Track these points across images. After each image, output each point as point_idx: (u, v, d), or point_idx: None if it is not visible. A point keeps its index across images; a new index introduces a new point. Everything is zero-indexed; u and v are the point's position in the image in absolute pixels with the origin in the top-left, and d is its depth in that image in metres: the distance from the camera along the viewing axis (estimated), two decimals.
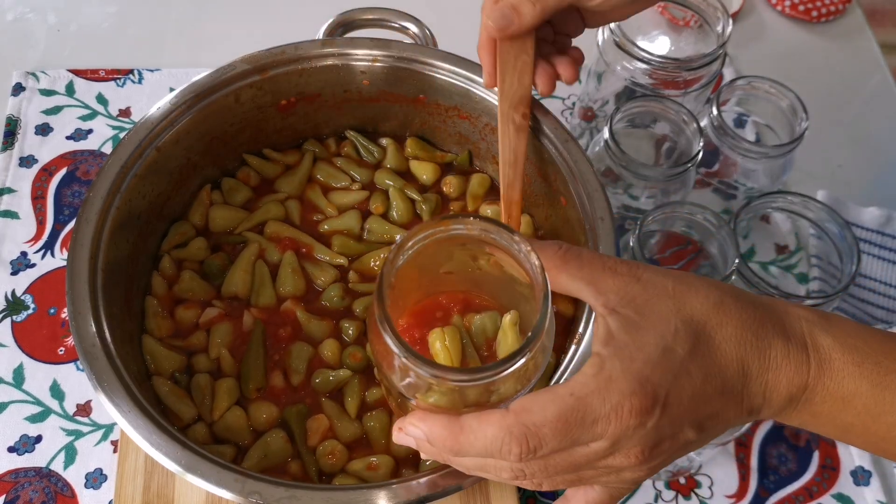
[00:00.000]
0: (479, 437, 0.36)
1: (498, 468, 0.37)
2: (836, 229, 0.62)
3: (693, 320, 0.38)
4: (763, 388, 0.38)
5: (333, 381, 0.55)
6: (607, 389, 0.36)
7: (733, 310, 0.39)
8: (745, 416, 0.39)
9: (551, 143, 0.58)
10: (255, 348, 0.56)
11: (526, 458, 0.36)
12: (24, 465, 0.58)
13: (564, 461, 0.37)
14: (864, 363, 0.39)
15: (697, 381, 0.37)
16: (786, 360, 0.38)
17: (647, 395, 0.36)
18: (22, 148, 0.72)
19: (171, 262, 0.60)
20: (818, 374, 0.39)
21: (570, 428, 0.35)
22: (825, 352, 0.39)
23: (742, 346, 0.38)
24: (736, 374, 0.38)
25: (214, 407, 0.54)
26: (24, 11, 0.83)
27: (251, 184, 0.64)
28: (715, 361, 0.38)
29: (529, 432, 0.35)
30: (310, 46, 0.61)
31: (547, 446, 0.36)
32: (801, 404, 0.39)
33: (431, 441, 0.38)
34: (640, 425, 0.36)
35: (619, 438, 0.36)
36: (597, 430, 0.36)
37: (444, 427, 0.37)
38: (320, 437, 0.54)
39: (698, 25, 0.68)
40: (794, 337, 0.39)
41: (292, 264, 0.60)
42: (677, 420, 0.37)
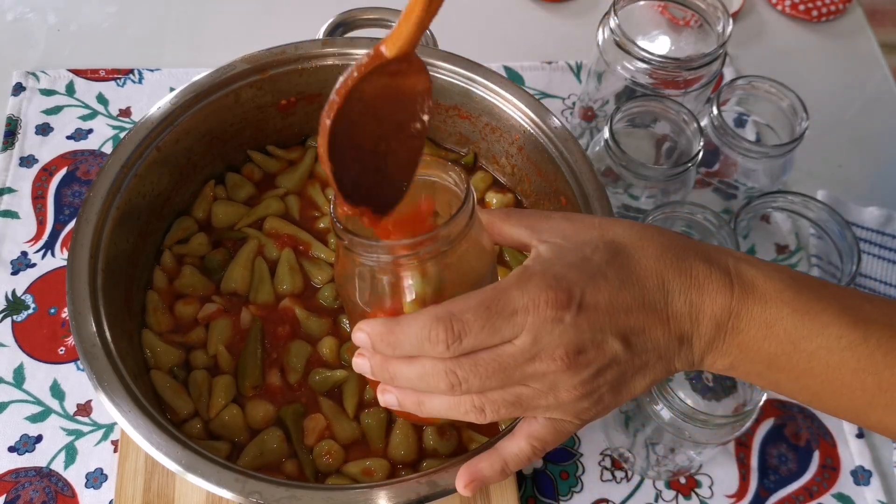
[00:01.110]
0: (412, 326, 0.38)
1: (435, 373, 0.38)
2: (836, 229, 0.62)
3: (615, 242, 0.41)
4: (688, 308, 0.40)
5: (330, 379, 0.55)
6: (527, 283, 0.38)
7: (655, 236, 0.41)
8: (676, 343, 0.40)
9: (551, 143, 0.58)
10: (252, 346, 0.56)
11: (453, 347, 0.37)
12: (25, 465, 0.58)
13: (493, 361, 0.38)
14: (786, 290, 0.40)
15: (614, 284, 0.39)
16: (708, 279, 0.40)
17: (562, 288, 0.38)
18: (22, 148, 0.72)
19: (173, 257, 0.60)
20: (742, 297, 0.40)
21: (491, 315, 0.37)
22: (748, 278, 0.40)
23: (661, 262, 0.40)
24: (656, 287, 0.40)
25: (211, 404, 0.54)
26: (24, 11, 0.83)
27: (254, 179, 0.64)
28: (632, 271, 0.40)
29: (454, 316, 0.37)
30: (310, 46, 0.61)
31: (471, 332, 0.37)
32: (729, 333, 0.40)
33: (372, 339, 0.39)
34: (557, 319, 0.37)
35: (539, 332, 0.37)
36: (517, 321, 0.37)
37: (383, 324, 0.39)
38: (317, 437, 0.54)
39: (698, 25, 0.68)
40: (717, 264, 0.41)
41: (290, 262, 0.60)
42: (597, 324, 0.38)
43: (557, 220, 0.43)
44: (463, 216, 0.40)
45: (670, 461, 0.58)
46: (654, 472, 0.60)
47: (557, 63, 0.82)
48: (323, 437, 0.54)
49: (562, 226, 0.42)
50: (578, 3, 0.88)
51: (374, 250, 0.40)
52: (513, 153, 0.63)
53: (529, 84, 0.81)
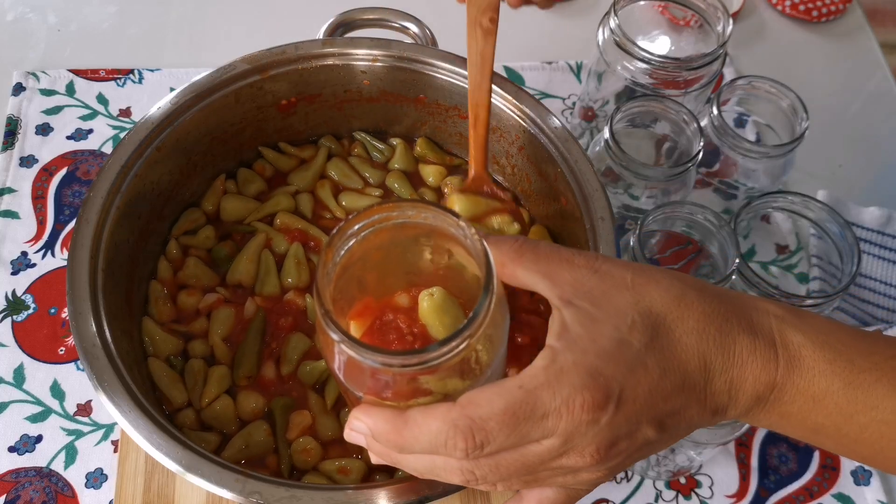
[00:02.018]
0: (424, 432, 0.34)
1: (447, 469, 0.35)
2: (836, 229, 0.62)
3: (652, 313, 0.36)
4: (728, 386, 0.37)
5: (316, 370, 0.56)
6: (558, 382, 0.34)
7: (696, 303, 0.37)
8: (710, 416, 0.37)
9: (551, 143, 0.58)
10: (252, 336, 0.57)
11: (473, 455, 0.34)
12: (25, 465, 0.58)
13: (516, 461, 0.35)
14: (837, 360, 0.37)
15: (655, 375, 0.35)
16: (752, 356, 0.37)
17: (599, 388, 0.34)
18: (22, 148, 0.72)
19: (179, 248, 0.60)
20: (787, 371, 0.37)
21: (519, 422, 0.33)
22: (795, 349, 0.37)
23: (704, 340, 0.36)
24: (697, 369, 0.36)
25: (204, 393, 0.54)
26: (24, 11, 0.83)
27: (265, 176, 0.65)
28: (674, 355, 0.36)
29: (475, 426, 0.33)
30: (310, 46, 0.61)
31: (495, 441, 0.34)
32: (770, 404, 0.37)
33: (376, 436, 0.36)
34: (593, 421, 0.34)
35: (572, 435, 0.34)
36: (547, 426, 0.34)
37: (387, 420, 0.35)
38: (299, 432, 0.54)
39: (699, 25, 0.68)
40: (762, 333, 0.37)
41: (298, 256, 0.60)
42: (634, 417, 0.35)
43: (581, 271, 0.37)
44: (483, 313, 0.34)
45: (670, 461, 0.58)
46: (655, 472, 0.60)
47: (557, 63, 0.82)
48: (305, 434, 0.54)
49: (588, 282, 0.36)
50: (578, 3, 0.88)
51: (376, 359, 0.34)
52: (513, 153, 0.63)
53: (529, 84, 0.81)
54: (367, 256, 0.39)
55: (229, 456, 0.52)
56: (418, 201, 0.37)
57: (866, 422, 0.37)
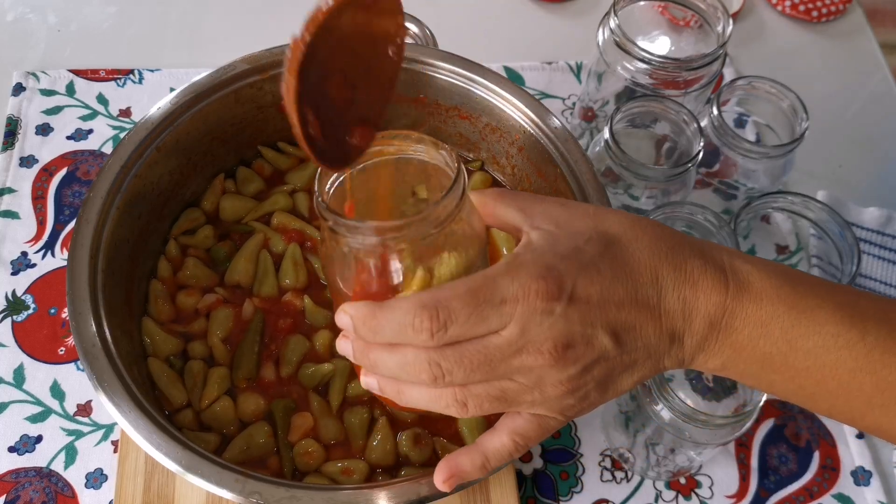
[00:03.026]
0: (395, 312, 0.37)
1: (417, 364, 0.37)
2: (836, 229, 0.62)
3: (608, 233, 0.39)
4: (682, 305, 0.39)
5: (318, 373, 0.56)
6: (516, 271, 0.37)
7: (649, 227, 0.40)
8: (667, 341, 0.39)
9: (551, 143, 0.58)
10: (251, 337, 0.57)
11: (437, 335, 0.36)
12: (25, 465, 0.58)
13: (478, 352, 0.37)
14: (782, 287, 0.39)
15: (606, 276, 0.38)
16: (703, 276, 0.39)
17: (553, 278, 0.36)
18: (22, 148, 0.72)
19: (178, 247, 0.60)
20: (737, 294, 0.39)
21: (479, 303, 0.36)
22: (744, 275, 0.39)
23: (656, 256, 0.39)
24: (649, 281, 0.38)
25: (204, 394, 0.54)
26: (24, 11, 0.83)
27: (264, 175, 0.65)
28: (626, 264, 0.38)
29: (440, 304, 0.36)
30: None
31: (457, 321, 0.36)
32: (723, 332, 0.39)
33: (356, 325, 0.38)
34: (547, 311, 0.36)
35: (527, 324, 0.36)
36: (505, 310, 0.36)
37: (366, 307, 0.38)
38: (301, 435, 0.54)
39: (698, 25, 0.68)
40: (712, 259, 0.40)
41: (295, 257, 0.60)
42: (587, 317, 0.37)
43: (551, 204, 0.41)
44: (453, 196, 0.38)
45: (670, 461, 0.58)
46: (654, 473, 0.60)
47: (557, 63, 0.82)
48: (307, 436, 0.54)
49: (555, 211, 0.41)
50: (578, 3, 0.88)
51: (360, 231, 0.38)
52: (513, 153, 0.63)
53: (529, 84, 0.81)
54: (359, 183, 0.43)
55: (230, 457, 0.52)
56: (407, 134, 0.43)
57: (809, 347, 0.39)
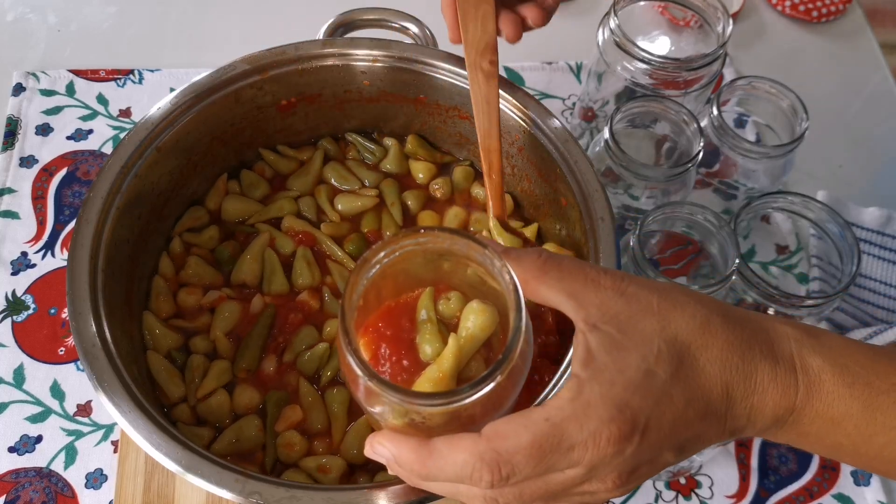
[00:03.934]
0: (449, 463, 0.35)
1: (471, 496, 0.36)
2: (836, 229, 0.62)
3: (677, 341, 0.36)
4: (748, 411, 0.37)
5: (314, 357, 0.56)
6: (585, 415, 0.34)
7: (720, 330, 0.37)
8: (727, 437, 0.38)
9: (551, 144, 0.58)
10: (259, 329, 0.57)
11: (498, 486, 0.34)
12: (25, 466, 0.58)
13: (539, 489, 0.35)
14: (856, 384, 0.37)
15: (680, 405, 0.36)
16: (773, 383, 0.37)
17: (626, 421, 0.34)
18: (22, 148, 0.72)
19: (182, 245, 0.60)
20: (807, 396, 0.37)
21: (545, 455, 0.34)
22: (814, 373, 0.38)
23: (727, 369, 0.37)
24: (719, 398, 0.37)
25: (201, 387, 0.54)
26: (24, 11, 0.83)
27: (266, 177, 0.65)
28: (698, 384, 0.36)
29: (502, 459, 0.34)
30: (310, 46, 0.61)
31: (520, 474, 0.34)
32: (788, 425, 0.38)
33: (400, 463, 0.37)
34: (618, 453, 0.34)
35: (596, 466, 0.34)
36: (573, 458, 0.34)
37: (412, 450, 0.36)
38: (287, 426, 0.54)
39: (698, 25, 0.68)
40: (783, 359, 0.38)
41: (307, 257, 0.60)
42: (657, 445, 0.36)
43: (608, 293, 0.37)
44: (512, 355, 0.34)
45: None
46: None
47: (557, 63, 0.82)
48: (292, 428, 0.54)
49: (614, 306, 0.36)
50: (578, 3, 0.88)
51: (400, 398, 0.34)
52: (513, 154, 0.63)
53: (529, 84, 0.81)
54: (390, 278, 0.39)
55: (219, 449, 0.52)
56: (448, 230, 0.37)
57: (885, 441, 0.38)
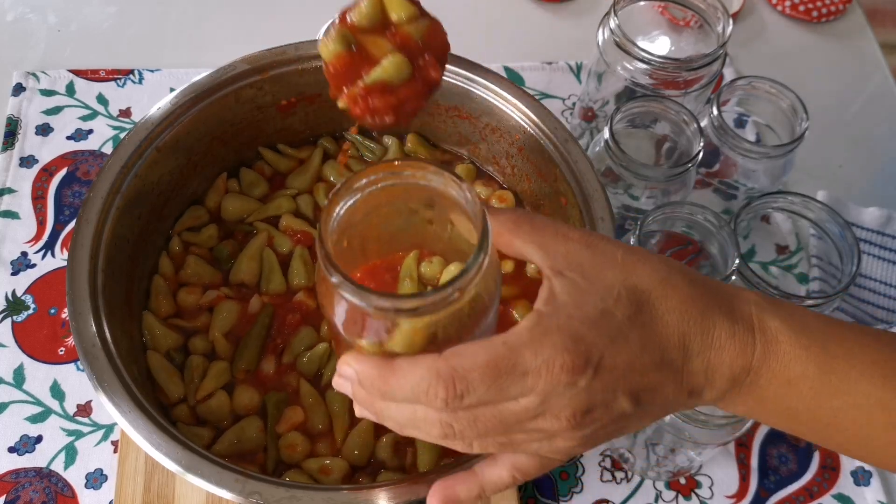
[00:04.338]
0: (408, 378, 0.35)
1: (427, 420, 0.36)
2: (836, 229, 0.62)
3: (637, 289, 0.37)
4: (705, 367, 0.38)
5: (314, 357, 0.56)
6: (541, 343, 0.35)
7: (680, 285, 0.38)
8: (685, 397, 0.39)
9: (551, 143, 0.58)
10: (258, 329, 0.57)
11: (452, 404, 0.35)
12: (25, 466, 0.58)
13: (493, 417, 0.36)
14: (812, 346, 0.38)
15: (634, 347, 0.36)
16: (730, 340, 0.38)
17: (580, 352, 0.35)
18: (22, 148, 0.72)
19: (181, 244, 0.60)
20: (763, 355, 0.38)
21: (500, 376, 0.34)
22: (772, 334, 0.38)
23: (685, 321, 0.38)
24: (676, 347, 0.37)
25: (201, 387, 0.54)
26: (24, 11, 0.83)
27: (266, 176, 0.65)
28: (655, 331, 0.37)
29: (457, 375, 0.34)
30: (310, 46, 0.61)
31: (474, 393, 0.34)
32: (746, 387, 0.39)
33: (362, 381, 0.37)
34: (571, 384, 0.35)
35: (549, 395, 0.35)
36: (526, 384, 0.35)
37: (375, 366, 0.36)
38: (289, 427, 0.54)
39: (698, 25, 0.68)
40: (742, 318, 0.39)
41: (304, 257, 0.60)
42: (611, 385, 0.36)
43: (575, 244, 0.38)
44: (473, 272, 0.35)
45: (670, 462, 0.58)
46: (654, 473, 0.60)
47: (557, 63, 0.82)
48: (295, 429, 0.54)
49: (580, 255, 0.38)
50: (578, 3, 0.88)
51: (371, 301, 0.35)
52: (513, 154, 0.63)
53: (529, 84, 0.81)
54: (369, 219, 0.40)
55: (220, 450, 0.52)
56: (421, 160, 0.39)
57: (839, 406, 0.38)
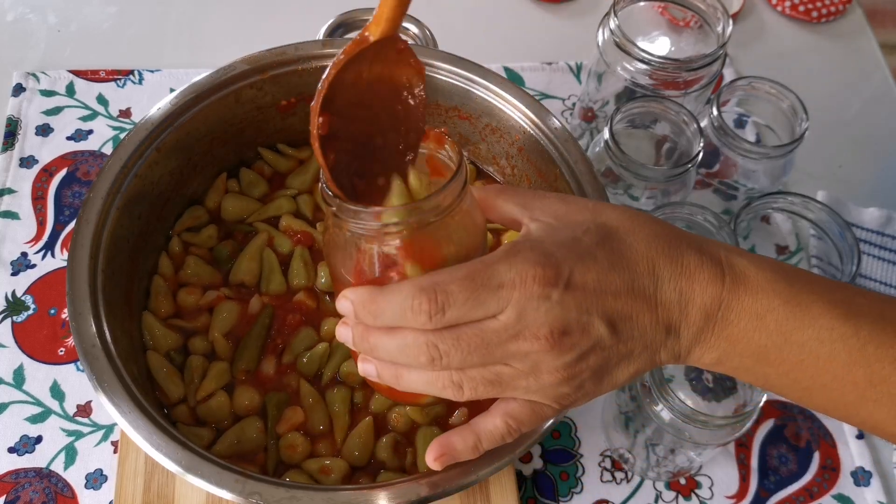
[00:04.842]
0: (395, 295, 0.38)
1: (415, 346, 0.38)
2: (836, 230, 0.62)
3: (606, 225, 0.40)
4: (678, 296, 0.39)
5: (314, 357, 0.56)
6: (514, 258, 0.38)
7: (647, 222, 0.41)
8: (664, 332, 0.40)
9: (551, 144, 0.58)
10: (258, 329, 0.57)
11: (435, 318, 0.37)
12: (25, 466, 0.58)
13: (476, 336, 0.37)
14: (778, 281, 0.40)
15: (603, 265, 0.39)
16: (699, 269, 0.40)
17: (550, 265, 0.37)
18: (22, 148, 0.72)
19: (181, 244, 0.60)
20: (733, 286, 0.39)
21: (477, 287, 0.37)
22: (740, 269, 0.40)
23: (653, 248, 0.40)
24: (646, 272, 0.39)
25: (201, 387, 0.54)
26: (24, 12, 0.83)
27: (265, 176, 0.65)
28: (623, 254, 0.39)
29: (438, 287, 0.37)
30: (310, 47, 0.61)
31: (455, 304, 0.37)
32: (718, 323, 0.40)
33: (356, 306, 0.39)
34: (544, 296, 0.37)
35: (524, 308, 0.37)
36: (502, 295, 0.37)
37: (366, 292, 0.39)
38: (289, 427, 0.54)
39: (698, 26, 0.68)
40: (709, 253, 0.40)
41: (304, 257, 0.60)
42: (584, 304, 0.38)
43: (551, 199, 0.42)
44: (454, 186, 0.39)
45: (670, 462, 0.58)
46: (654, 473, 0.60)
47: (557, 64, 0.82)
48: (294, 429, 0.54)
49: (555, 206, 0.42)
50: (578, 3, 0.88)
51: (362, 216, 0.39)
52: (513, 154, 0.63)
53: (529, 85, 0.81)
54: None
55: (220, 450, 0.52)
56: None
57: (804, 340, 0.40)
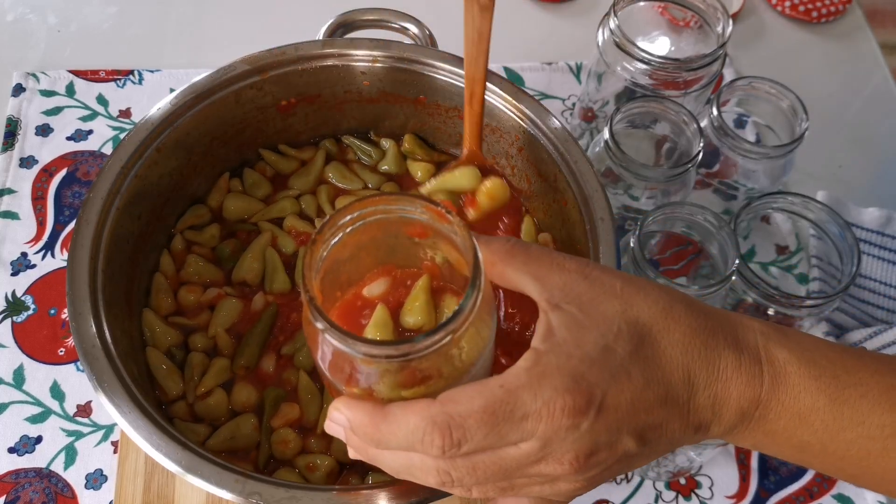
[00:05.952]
0: (402, 426, 0.33)
1: (423, 468, 0.35)
2: (836, 230, 0.62)
3: (638, 322, 0.36)
4: (712, 401, 0.36)
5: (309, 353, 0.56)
6: (540, 384, 0.33)
7: (682, 316, 0.37)
8: (692, 433, 0.37)
9: (551, 144, 0.58)
10: (261, 327, 0.57)
11: (450, 453, 0.33)
12: (25, 466, 0.58)
13: (493, 464, 0.34)
14: (822, 377, 0.37)
15: (638, 384, 0.35)
16: (736, 371, 0.36)
17: (581, 392, 0.33)
18: (22, 148, 0.72)
19: (183, 242, 0.60)
20: (772, 387, 0.37)
21: (498, 421, 0.33)
22: (780, 365, 0.37)
23: (689, 353, 0.36)
24: (681, 381, 0.36)
25: (200, 384, 0.54)
26: (24, 12, 0.83)
27: (267, 177, 0.65)
28: (658, 366, 0.35)
29: (454, 422, 0.32)
30: (310, 47, 0.61)
31: (472, 440, 0.33)
32: (755, 421, 0.37)
33: (354, 428, 0.35)
34: (574, 427, 0.33)
35: (551, 440, 0.33)
36: (526, 428, 0.33)
37: (367, 413, 0.35)
38: (283, 423, 0.54)
39: (698, 26, 0.68)
40: (747, 349, 0.37)
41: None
42: (615, 426, 0.34)
43: (572, 275, 0.37)
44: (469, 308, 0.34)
45: (670, 462, 0.58)
46: (654, 473, 0.60)
47: (557, 64, 0.82)
48: (288, 425, 0.54)
49: (577, 287, 0.36)
50: (578, 3, 0.88)
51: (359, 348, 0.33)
52: (513, 154, 0.63)
53: (529, 85, 0.81)
54: (356, 254, 0.39)
55: (214, 445, 0.52)
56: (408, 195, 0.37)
57: (852, 438, 0.37)
